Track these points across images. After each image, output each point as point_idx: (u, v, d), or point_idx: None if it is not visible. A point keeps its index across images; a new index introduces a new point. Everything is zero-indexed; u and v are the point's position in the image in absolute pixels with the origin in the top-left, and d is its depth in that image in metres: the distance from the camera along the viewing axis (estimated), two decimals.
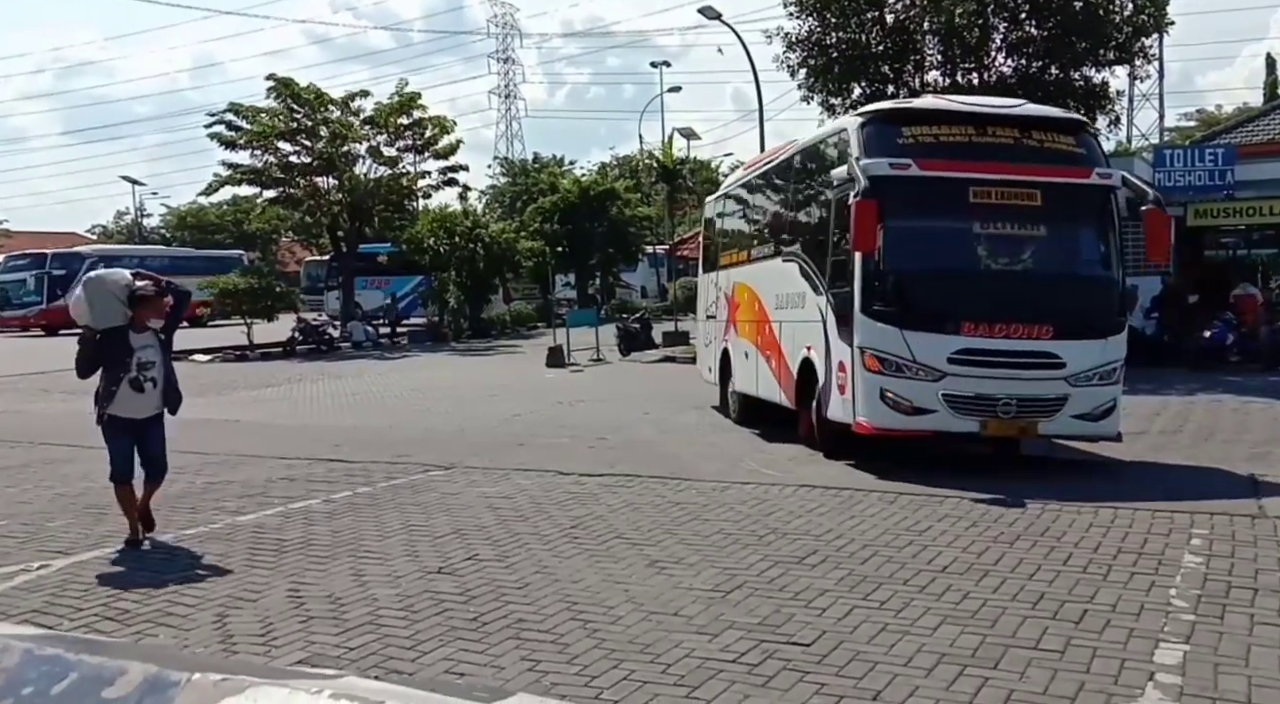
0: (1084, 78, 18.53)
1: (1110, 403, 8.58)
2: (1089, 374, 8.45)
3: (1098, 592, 5.40)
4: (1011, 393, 8.37)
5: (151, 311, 6.75)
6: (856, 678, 4.36)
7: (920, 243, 9.04)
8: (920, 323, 8.56)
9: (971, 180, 8.64)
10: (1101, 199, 8.92)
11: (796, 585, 5.62)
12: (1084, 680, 4.26)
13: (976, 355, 8.36)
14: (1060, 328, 8.49)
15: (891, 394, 8.50)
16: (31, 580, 6.12)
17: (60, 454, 10.62)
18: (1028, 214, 8.77)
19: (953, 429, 8.59)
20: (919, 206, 8.82)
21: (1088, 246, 9.42)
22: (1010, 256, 8.96)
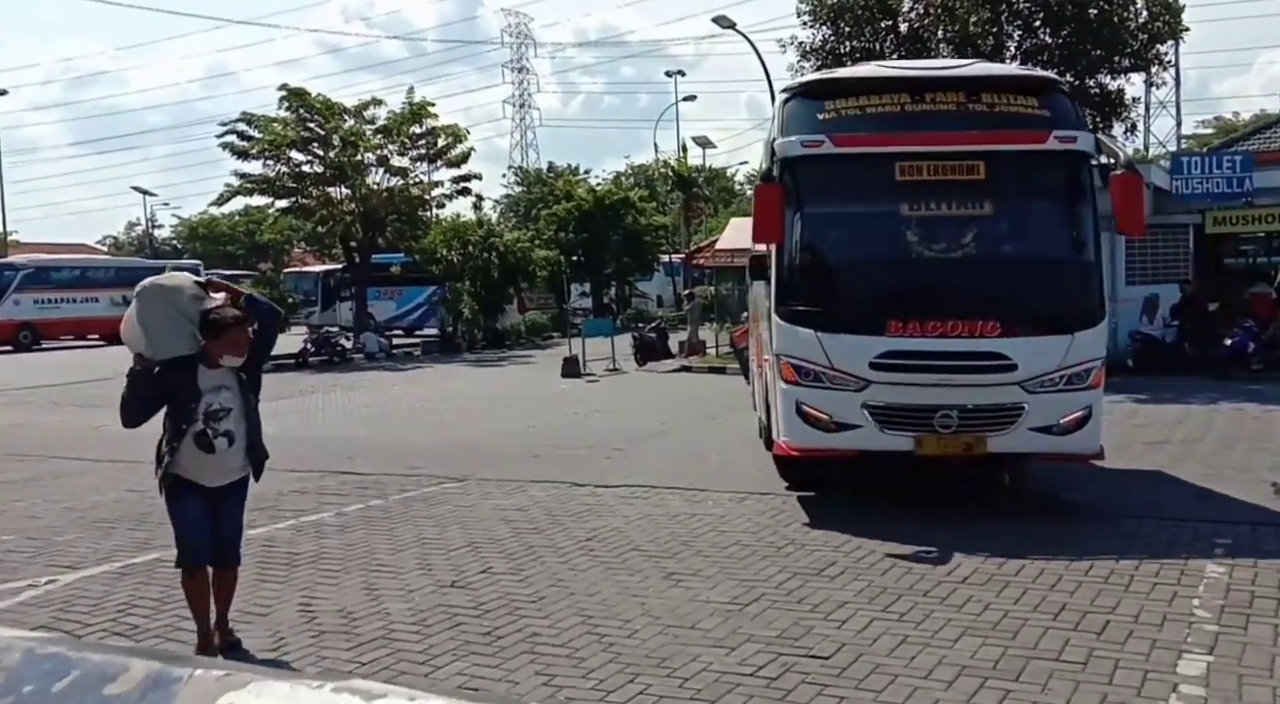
0: (1099, 85, 18.42)
1: (1083, 412, 7.11)
2: (1051, 377, 7.03)
3: (1120, 602, 5.34)
4: (951, 403, 7.00)
5: (229, 346, 4.84)
6: (877, 691, 4.32)
7: (838, 230, 7.96)
8: (838, 324, 7.32)
9: (897, 155, 7.35)
10: (1064, 167, 7.48)
11: (815, 597, 5.57)
12: (1106, 692, 4.23)
13: (904, 359, 7.07)
14: (1010, 323, 7.09)
15: (809, 408, 7.27)
16: (39, 595, 6.10)
17: (69, 468, 10.58)
18: (970, 190, 7.44)
19: (881, 447, 7.25)
20: (837, 189, 7.69)
21: (1048, 224, 7.98)
22: (948, 242, 7.56)
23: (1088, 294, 7.45)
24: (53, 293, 34.49)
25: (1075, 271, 7.63)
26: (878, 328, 7.18)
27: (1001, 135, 7.38)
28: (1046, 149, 7.29)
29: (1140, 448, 10.06)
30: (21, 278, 33.93)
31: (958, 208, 7.54)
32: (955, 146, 7.36)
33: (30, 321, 33.47)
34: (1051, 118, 7.44)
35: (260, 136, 27.09)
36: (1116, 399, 13.91)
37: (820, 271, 7.83)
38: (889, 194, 7.57)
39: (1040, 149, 7.32)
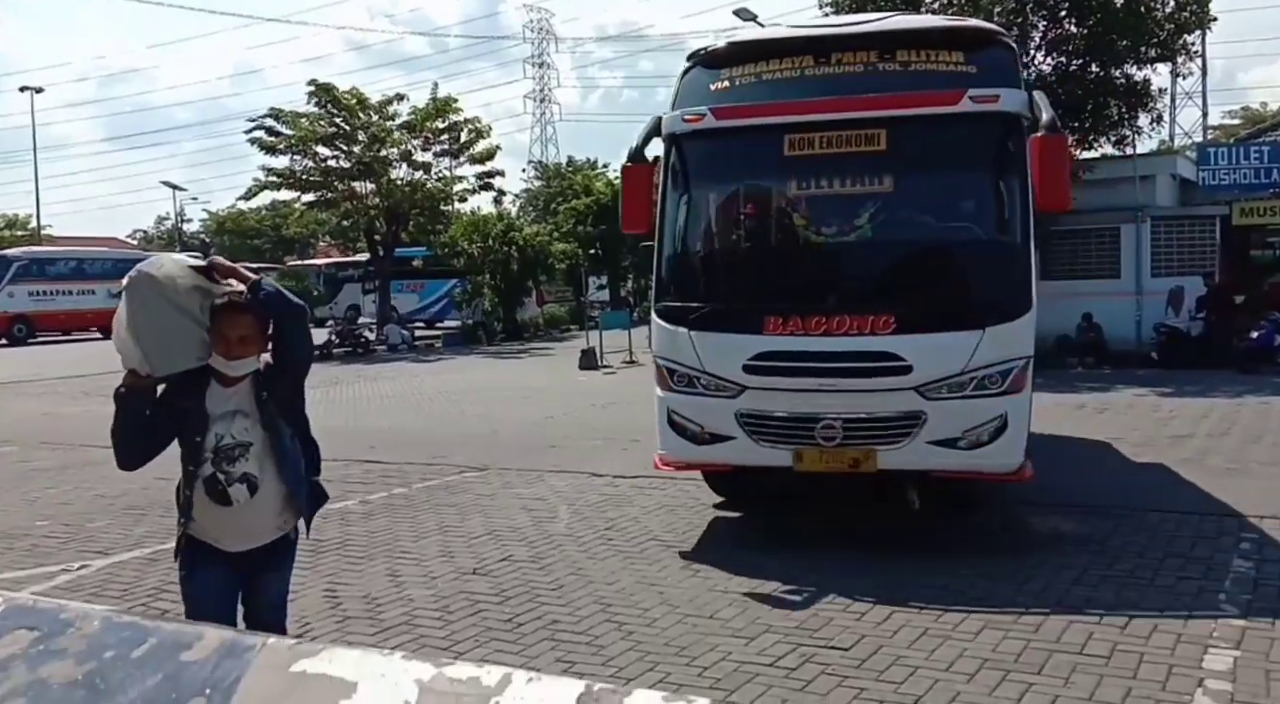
0: (1125, 76, 18.14)
1: (996, 422, 5.96)
2: (955, 381, 5.96)
3: (1144, 597, 5.32)
4: (835, 411, 6.05)
5: (228, 340, 3.47)
6: (897, 683, 4.33)
7: (716, 215, 7.10)
8: (710, 321, 6.42)
9: (784, 127, 6.43)
10: (982, 132, 6.37)
11: (832, 590, 5.58)
12: (1131, 686, 4.21)
13: (781, 361, 6.13)
14: (907, 317, 6.05)
15: (680, 416, 6.44)
16: (72, 580, 6.23)
17: (99, 456, 10.63)
18: (868, 164, 6.45)
19: (756, 462, 6.39)
20: (720, 168, 6.91)
21: (960, 200, 6.82)
22: (840, 225, 6.62)
23: (1006, 282, 6.29)
24: (47, 285, 34.24)
25: (990, 256, 6.49)
26: (754, 326, 6.25)
27: (905, 98, 6.30)
28: (959, 112, 6.13)
29: (1165, 441, 10.01)
30: (15, 270, 33.70)
31: (854, 185, 6.59)
32: (850, 113, 6.32)
33: (25, 314, 33.30)
34: (976, 75, 6.33)
35: (288, 132, 27.39)
36: (1140, 392, 13.96)
37: (695, 263, 7.00)
38: (775, 171, 6.75)
39: (951, 112, 6.16)
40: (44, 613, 1.39)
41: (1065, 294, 18.96)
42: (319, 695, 1.16)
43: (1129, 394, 13.92)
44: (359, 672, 1.17)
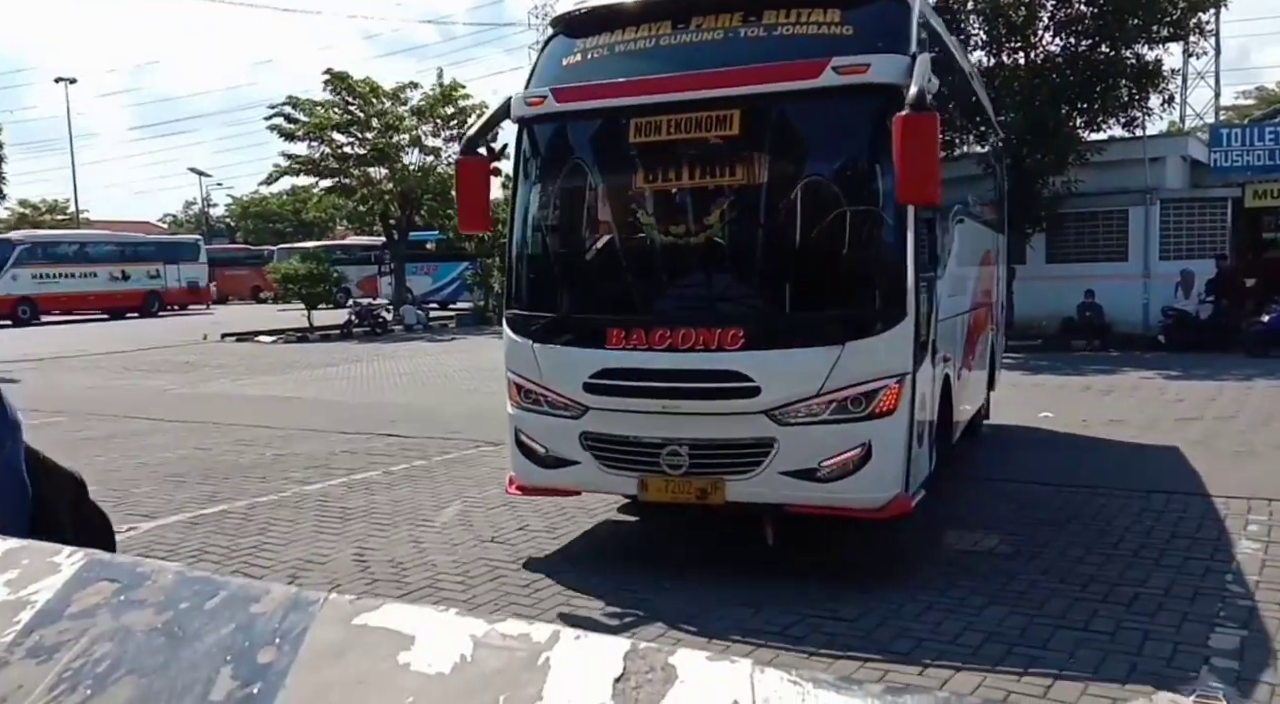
0: (1136, 56, 17.93)
1: (857, 450, 5.22)
2: (810, 404, 5.24)
3: (1150, 576, 5.40)
4: (681, 436, 5.41)
5: None
6: (903, 653, 4.44)
7: (559, 213, 6.29)
8: (551, 332, 5.82)
9: (629, 110, 5.61)
10: (850, 109, 5.43)
11: (837, 564, 5.71)
12: (1136, 662, 4.27)
13: (623, 379, 5.50)
14: (755, 331, 5.36)
15: (525, 436, 5.91)
16: (121, 542, 6.41)
17: (141, 427, 11.28)
18: (720, 151, 5.57)
19: (602, 489, 5.92)
20: (566, 158, 6.13)
21: (822, 193, 5.62)
22: (690, 223, 5.73)
23: (872, 290, 5.50)
24: (51, 268, 34.47)
25: (855, 259, 5.53)
26: (596, 339, 5.62)
27: (758, 72, 5.37)
28: (820, 86, 5.18)
29: (1171, 424, 10.08)
30: (19, 253, 33.94)
31: (704, 177, 5.68)
32: (695, 93, 5.44)
33: (29, 296, 33.59)
34: (852, 38, 5.38)
35: (305, 119, 27.77)
36: (1147, 375, 14.00)
37: (539, 267, 6.25)
38: (621, 162, 5.91)
39: (811, 87, 5.22)
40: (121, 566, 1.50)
41: (1071, 277, 18.95)
42: (379, 646, 1.26)
43: (1135, 377, 13.96)
44: (416, 625, 1.27)
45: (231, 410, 12.23)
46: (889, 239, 5.38)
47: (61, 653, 1.32)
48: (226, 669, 1.30)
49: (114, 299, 35.79)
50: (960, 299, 7.42)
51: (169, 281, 37.84)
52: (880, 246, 5.46)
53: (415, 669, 1.23)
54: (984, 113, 10.00)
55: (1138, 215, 18.99)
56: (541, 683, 1.17)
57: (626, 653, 1.21)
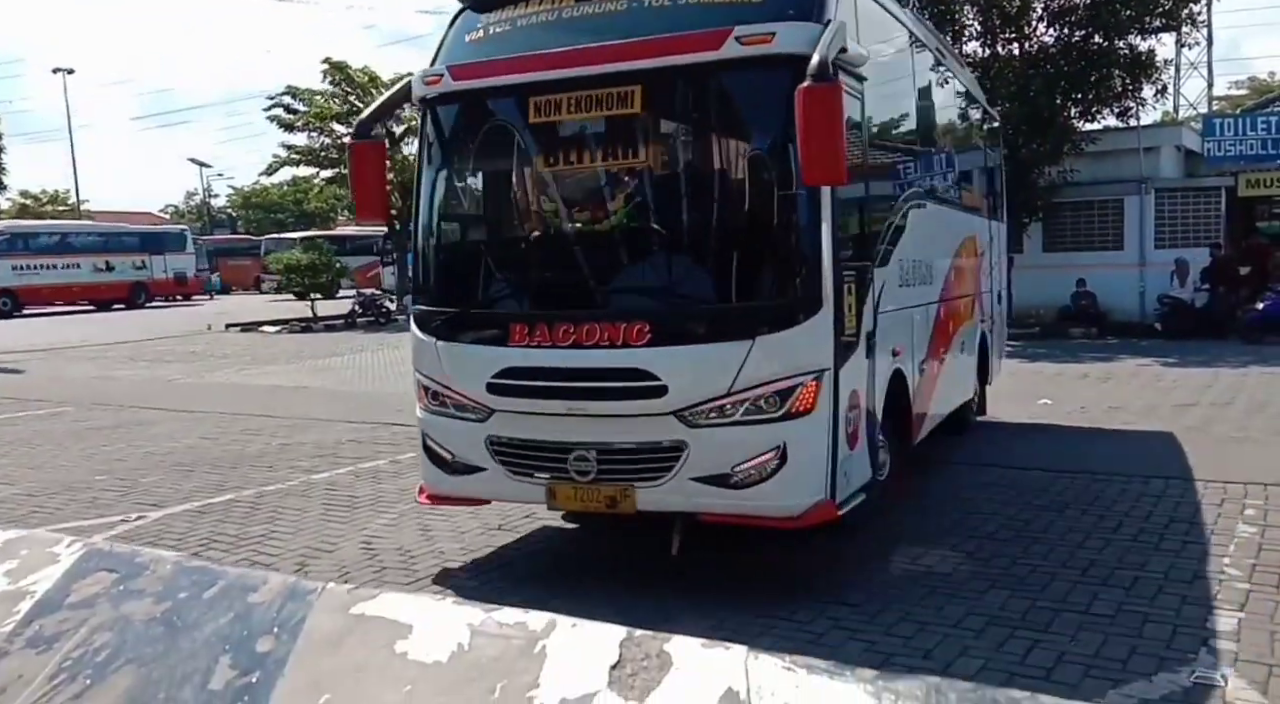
0: (1129, 46, 17.95)
1: (771, 454, 4.84)
2: (720, 404, 4.85)
3: (1149, 560, 5.42)
4: (588, 440, 5.07)
5: None
6: (906, 636, 4.47)
7: (464, 200, 6.01)
8: (454, 329, 5.49)
9: (527, 87, 5.23)
10: (755, 84, 5.03)
11: (841, 549, 5.71)
12: (1136, 645, 4.30)
13: (526, 378, 5.15)
14: (661, 325, 4.96)
15: (433, 441, 5.59)
16: (131, 530, 6.59)
17: (147, 416, 11.32)
18: (622, 132, 5.22)
19: (510, 497, 5.55)
20: (467, 141, 5.75)
21: (728, 174, 5.33)
22: (593, 209, 5.47)
23: (784, 278, 5.03)
24: (32, 259, 33.91)
25: (764, 246, 5.08)
26: (498, 336, 5.29)
27: (657, 44, 4.94)
28: (722, 58, 4.81)
29: (1168, 410, 10.08)
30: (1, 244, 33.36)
31: (607, 159, 5.32)
32: (593, 68, 5.06)
33: (9, 288, 33.02)
34: (761, 7, 4.96)
35: (304, 110, 27.79)
36: (1144, 362, 14.03)
37: (443, 259, 5.87)
38: (522, 145, 5.54)
39: (713, 59, 4.84)
40: (120, 557, 1.52)
41: (1067, 266, 19.11)
42: (378, 635, 1.27)
43: (1132, 364, 13.99)
44: (414, 614, 1.28)
45: (237, 400, 12.24)
46: (802, 224, 4.91)
47: (61, 642, 1.34)
48: (225, 658, 1.32)
49: (99, 291, 35.35)
50: (922, 289, 6.96)
51: (155, 272, 37.38)
52: (792, 232, 4.94)
53: (413, 658, 1.25)
54: (964, 95, 9.45)
55: (1133, 204, 19.06)
56: (538, 670, 1.19)
57: (622, 640, 1.22)
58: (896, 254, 6.22)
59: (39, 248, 34.52)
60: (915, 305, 6.72)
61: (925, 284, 7.08)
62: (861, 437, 5.38)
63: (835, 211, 4.93)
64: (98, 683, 1.20)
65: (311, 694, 1.08)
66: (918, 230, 6.71)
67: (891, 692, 0.84)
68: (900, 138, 6.97)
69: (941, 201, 7.90)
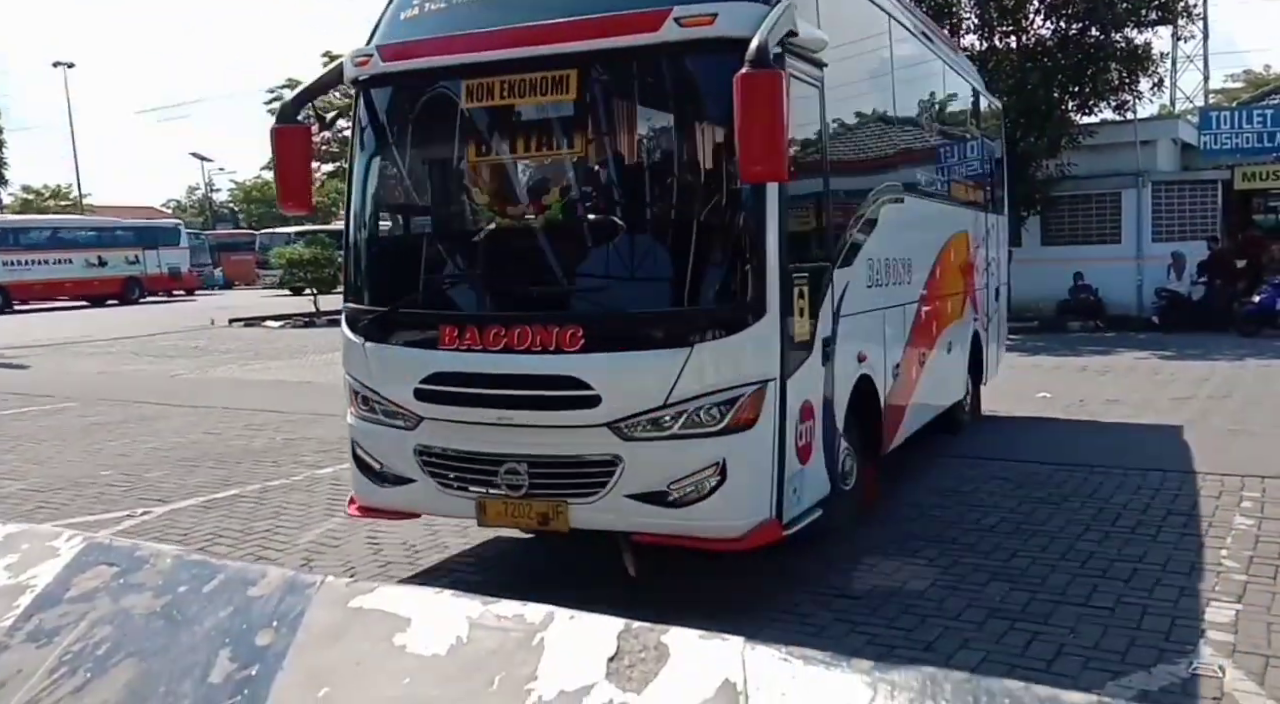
0: (1125, 39, 17.98)
1: (710, 472, 4.50)
2: (656, 416, 4.52)
3: (1147, 552, 5.44)
4: (519, 452, 4.73)
5: None
6: (907, 629, 4.48)
7: (396, 191, 5.64)
8: (382, 329, 5.15)
9: (459, 70, 4.87)
10: (696, 69, 4.68)
11: (844, 544, 5.70)
12: (1135, 636, 4.32)
13: (455, 384, 4.82)
14: (596, 329, 4.62)
15: (363, 450, 5.29)
16: (136, 525, 6.63)
17: (151, 412, 11.35)
18: (559, 119, 4.89)
19: (439, 511, 5.17)
20: (399, 127, 5.43)
21: (668, 166, 4.99)
22: (528, 203, 5.13)
23: (726, 280, 4.69)
24: (23, 254, 33.51)
25: (705, 244, 4.68)
26: (428, 338, 4.96)
27: (594, 24, 4.61)
28: (661, 41, 4.46)
29: (1166, 404, 10.10)
30: None
31: (542, 148, 5.03)
32: (525, 50, 4.69)
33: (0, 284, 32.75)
34: None
35: None
36: (1141, 355, 14.06)
37: (374, 253, 5.53)
38: (455, 132, 5.17)
39: (651, 42, 4.49)
40: (120, 551, 1.53)
41: (1065, 260, 19.14)
42: (376, 628, 1.28)
43: (1130, 357, 14.02)
44: (412, 607, 1.29)
45: (241, 395, 12.22)
46: (745, 223, 4.59)
47: (61, 636, 1.34)
48: (225, 651, 1.32)
49: (91, 286, 34.96)
50: (897, 289, 6.59)
51: (149, 267, 37.00)
52: (735, 232, 4.63)
53: (411, 651, 1.25)
54: (955, 82, 8.80)
55: (1130, 198, 19.10)
56: (536, 662, 1.19)
57: (620, 632, 1.23)
58: (864, 253, 5.90)
59: (30, 243, 34.11)
60: (888, 307, 6.39)
61: (901, 284, 6.71)
62: (816, 449, 5.04)
63: (785, 209, 4.62)
64: (98, 676, 1.21)
65: (311, 687, 1.08)
66: (893, 227, 6.42)
67: (887, 682, 0.84)
68: (872, 129, 6.52)
69: (925, 195, 7.57)
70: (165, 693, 1.12)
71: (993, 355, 9.90)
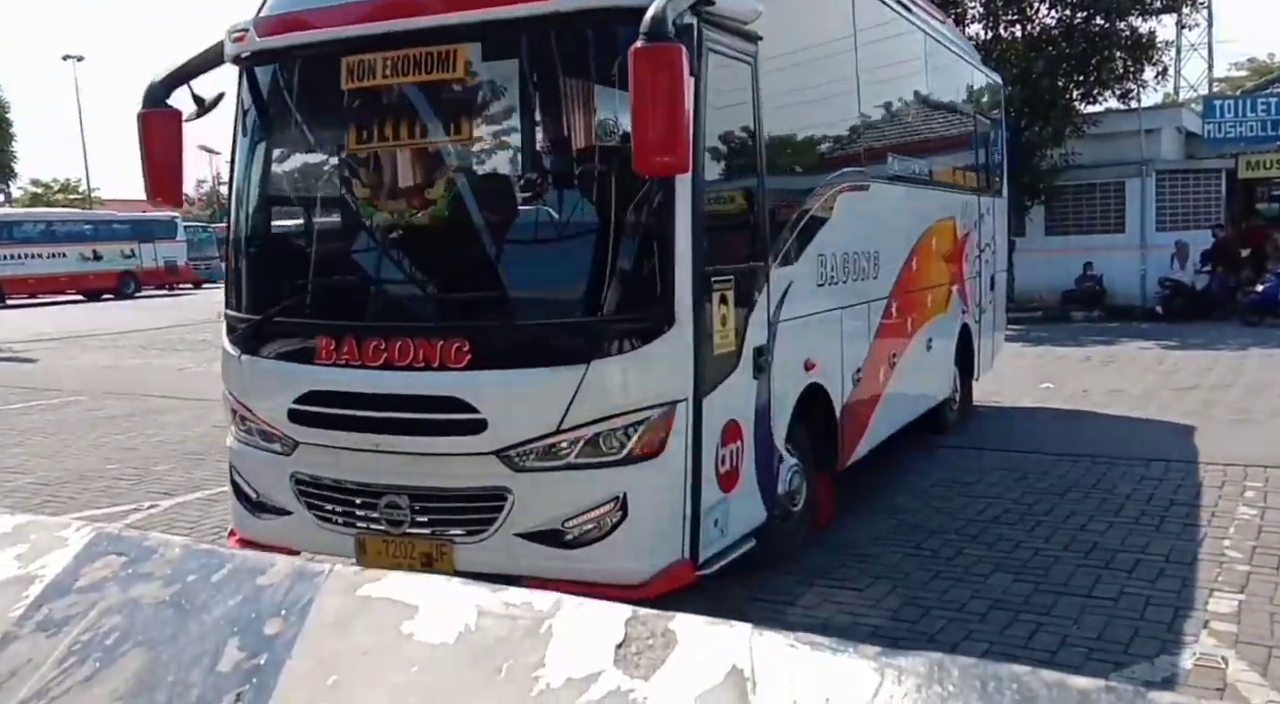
0: (1130, 27, 17.99)
1: (609, 508, 4.00)
2: (552, 443, 4.01)
3: (1150, 542, 5.44)
4: (400, 483, 4.21)
5: None
6: (911, 622, 4.49)
7: (266, 183, 4.99)
8: (258, 339, 4.64)
9: (335, 45, 4.36)
10: (601, 44, 4.13)
11: (847, 534, 5.73)
12: (1138, 627, 4.33)
13: (330, 404, 4.31)
14: (483, 343, 4.11)
15: (239, 475, 4.82)
16: (144, 518, 6.66)
17: (158, 405, 11.36)
18: (445, 100, 4.35)
19: (318, 549, 4.44)
20: (279, 110, 4.90)
21: (565, 156, 4.62)
22: (409, 195, 4.46)
23: (627, 285, 4.11)
24: (15, 248, 32.84)
25: (603, 245, 4.12)
26: (304, 351, 4.42)
27: None
28: (554, 11, 4.02)
29: (1169, 394, 10.10)
30: None
31: (425, 134, 4.45)
32: (405, 22, 4.22)
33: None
34: None
35: None
36: (1145, 345, 14.05)
37: (249, 254, 4.97)
38: (336, 116, 4.65)
39: (543, 12, 4.03)
40: (129, 541, 1.53)
41: (1069, 249, 19.11)
42: (385, 616, 1.28)
43: (1133, 347, 14.03)
44: (421, 595, 1.29)
45: None
46: (649, 221, 4.03)
47: (70, 626, 1.35)
48: (234, 640, 1.33)
49: (87, 280, 34.32)
50: (858, 286, 5.99)
51: (145, 261, 36.32)
52: (637, 231, 4.06)
53: (420, 638, 1.26)
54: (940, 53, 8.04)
55: (1134, 187, 19.07)
56: (544, 650, 1.19)
57: (628, 619, 1.23)
58: (814, 248, 5.33)
59: (23, 237, 33.46)
60: (847, 305, 5.82)
61: (865, 279, 6.11)
62: (745, 474, 4.52)
63: (699, 205, 4.07)
64: (107, 666, 1.22)
65: (319, 676, 1.09)
66: (853, 217, 5.86)
67: (894, 667, 0.85)
68: (828, 110, 5.92)
69: (897, 181, 6.90)
70: (174, 682, 1.13)
71: (987, 349, 9.38)
